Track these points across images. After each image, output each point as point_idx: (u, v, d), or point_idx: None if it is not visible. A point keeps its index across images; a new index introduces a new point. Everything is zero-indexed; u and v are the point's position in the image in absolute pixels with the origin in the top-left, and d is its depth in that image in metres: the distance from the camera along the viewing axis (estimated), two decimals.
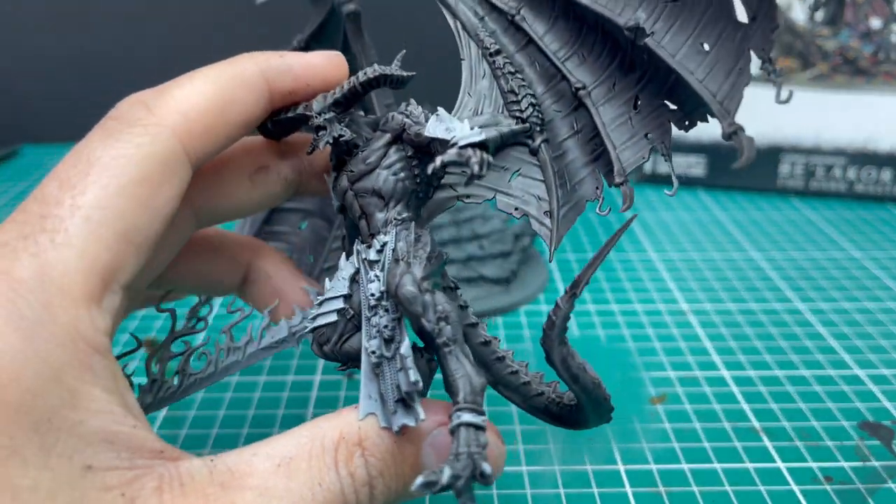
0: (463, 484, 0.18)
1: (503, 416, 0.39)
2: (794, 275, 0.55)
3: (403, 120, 0.24)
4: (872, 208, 0.67)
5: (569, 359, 0.23)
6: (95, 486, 0.19)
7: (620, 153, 0.24)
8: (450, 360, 0.21)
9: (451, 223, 0.54)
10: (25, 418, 0.18)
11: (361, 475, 0.21)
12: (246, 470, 0.20)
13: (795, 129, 0.68)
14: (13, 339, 0.18)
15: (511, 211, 0.25)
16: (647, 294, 0.52)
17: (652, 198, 0.71)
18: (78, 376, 0.19)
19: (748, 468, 0.35)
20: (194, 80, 0.24)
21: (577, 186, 0.25)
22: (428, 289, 0.22)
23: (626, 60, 0.24)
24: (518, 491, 0.34)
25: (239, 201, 0.28)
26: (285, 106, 0.26)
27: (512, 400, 0.25)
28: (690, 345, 0.46)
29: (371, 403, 0.22)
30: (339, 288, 0.24)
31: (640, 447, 0.37)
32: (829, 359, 0.44)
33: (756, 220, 0.65)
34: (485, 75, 0.26)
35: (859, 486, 0.34)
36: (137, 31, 0.82)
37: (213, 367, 0.27)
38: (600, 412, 0.24)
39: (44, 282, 0.19)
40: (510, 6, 0.26)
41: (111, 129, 0.22)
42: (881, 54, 0.65)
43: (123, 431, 0.20)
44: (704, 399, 0.40)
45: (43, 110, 0.85)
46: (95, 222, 0.20)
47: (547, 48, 0.26)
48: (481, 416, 0.20)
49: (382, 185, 0.24)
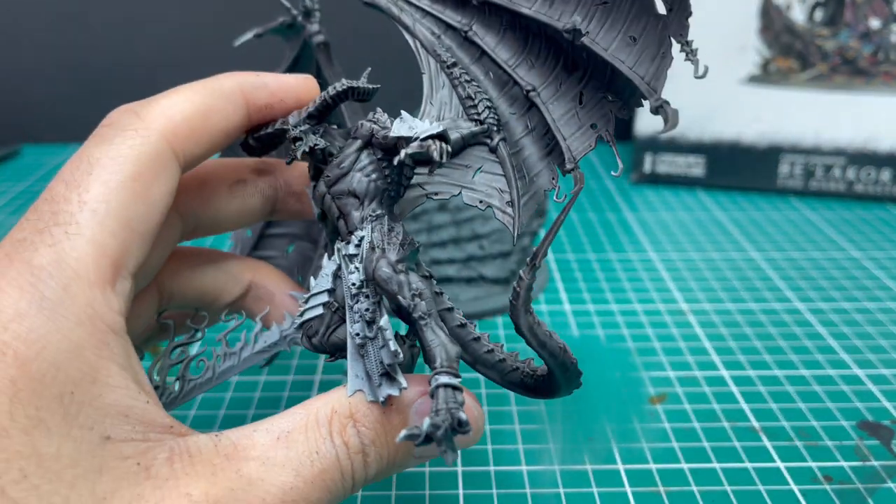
0: (442, 433, 0.20)
1: (504, 416, 0.39)
2: (793, 275, 0.55)
3: (372, 126, 0.26)
4: (872, 208, 0.67)
5: (535, 327, 0.25)
6: (113, 455, 0.20)
7: (570, 143, 0.27)
8: (426, 332, 0.23)
9: (451, 223, 0.54)
10: (50, 390, 0.20)
11: (355, 443, 0.23)
12: (248, 443, 0.22)
13: (795, 129, 0.68)
14: (36, 319, 0.20)
15: (476, 203, 0.28)
16: (647, 294, 0.52)
17: (651, 198, 0.71)
18: (96, 352, 0.21)
19: (748, 468, 0.35)
20: (178, 92, 0.26)
21: (534, 178, 0.28)
22: (402, 270, 0.24)
23: (569, 61, 0.27)
24: (518, 490, 0.34)
25: (218, 210, 0.30)
26: (263, 122, 0.28)
27: (490, 377, 0.26)
28: (690, 345, 0.46)
29: (358, 381, 0.24)
30: (323, 284, 0.26)
31: (640, 447, 0.37)
32: (829, 359, 0.44)
33: (755, 220, 0.65)
34: (444, 85, 0.29)
35: (859, 486, 0.34)
36: (137, 33, 0.82)
37: (212, 373, 0.29)
38: (569, 377, 0.26)
39: (61, 268, 0.21)
40: (462, 23, 0.29)
41: (106, 135, 0.24)
42: (881, 54, 0.65)
43: (138, 406, 0.22)
44: (704, 399, 0.40)
45: (43, 110, 0.85)
46: (102, 214, 0.23)
47: (498, 58, 0.29)
48: (457, 379, 0.22)
49: (357, 185, 0.26)
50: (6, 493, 0.18)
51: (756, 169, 0.70)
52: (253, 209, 0.31)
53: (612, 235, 0.62)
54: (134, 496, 0.20)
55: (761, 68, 0.67)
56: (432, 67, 0.29)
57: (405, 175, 0.27)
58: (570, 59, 0.27)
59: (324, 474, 0.22)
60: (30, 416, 0.19)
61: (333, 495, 0.23)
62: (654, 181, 0.73)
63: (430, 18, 0.30)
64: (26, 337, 0.20)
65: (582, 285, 0.54)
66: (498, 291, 0.51)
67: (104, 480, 0.20)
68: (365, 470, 0.23)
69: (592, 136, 0.27)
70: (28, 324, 0.20)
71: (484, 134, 0.28)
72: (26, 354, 0.20)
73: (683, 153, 0.71)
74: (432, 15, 0.30)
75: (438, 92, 0.29)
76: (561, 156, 0.27)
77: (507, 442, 0.37)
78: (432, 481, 0.35)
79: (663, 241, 0.61)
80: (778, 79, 0.67)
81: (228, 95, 0.27)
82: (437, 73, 0.29)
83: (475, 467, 0.36)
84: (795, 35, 0.66)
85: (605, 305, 0.51)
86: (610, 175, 0.77)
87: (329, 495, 0.22)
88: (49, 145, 0.85)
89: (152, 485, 0.20)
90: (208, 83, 0.27)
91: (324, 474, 0.22)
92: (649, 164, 0.72)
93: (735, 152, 0.70)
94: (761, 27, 0.66)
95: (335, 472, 0.22)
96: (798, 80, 0.67)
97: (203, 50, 0.81)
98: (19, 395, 0.19)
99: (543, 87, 0.28)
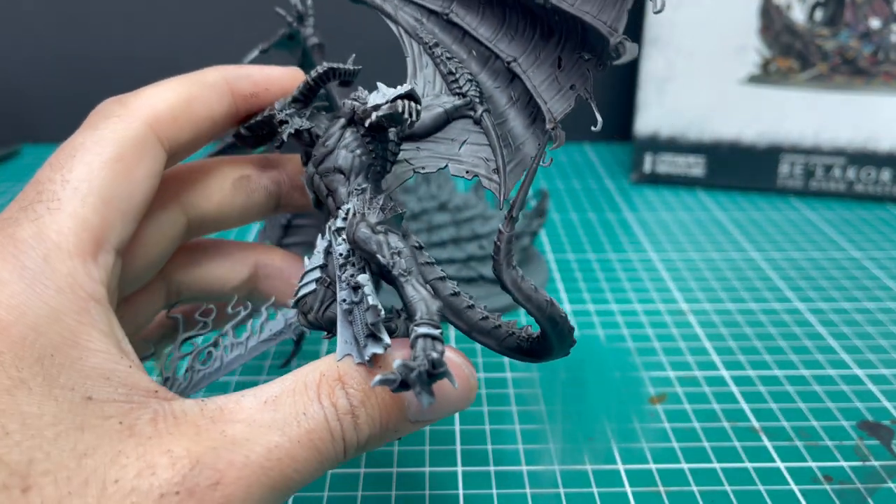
0: (415, 375, 0.20)
1: (504, 416, 0.39)
2: (793, 275, 0.55)
3: (353, 104, 0.27)
4: (872, 208, 0.67)
5: (519, 280, 0.25)
6: (95, 414, 0.21)
7: (551, 106, 0.28)
8: (407, 288, 0.23)
9: (451, 223, 0.54)
10: (30, 352, 0.21)
11: (343, 405, 0.23)
12: (234, 408, 0.22)
13: (795, 129, 0.68)
14: (17, 286, 0.21)
15: (463, 174, 0.29)
16: (647, 294, 0.52)
17: (651, 198, 0.71)
18: (76, 318, 0.22)
19: (748, 468, 0.35)
20: (164, 83, 0.27)
21: (520, 147, 0.29)
22: (381, 231, 0.24)
23: (545, 28, 0.28)
24: (518, 490, 0.34)
25: (222, 206, 0.31)
26: (252, 112, 0.29)
27: (487, 344, 0.26)
28: (690, 345, 0.46)
29: (347, 347, 0.24)
30: (315, 261, 0.26)
31: (640, 447, 0.37)
32: (829, 358, 0.44)
33: (755, 219, 0.65)
34: (427, 65, 0.30)
35: (859, 486, 0.34)
36: (137, 32, 0.82)
37: (219, 362, 0.29)
38: (560, 333, 0.25)
39: (42, 240, 0.22)
40: (443, 6, 0.31)
41: (91, 122, 0.26)
42: (881, 54, 0.65)
43: (120, 370, 0.22)
44: (704, 399, 0.40)
45: (43, 110, 0.85)
46: (83, 192, 0.24)
47: (480, 36, 0.30)
48: (437, 330, 0.22)
49: (342, 162, 0.27)
50: None
51: (756, 169, 0.70)
52: (257, 204, 0.32)
53: (612, 235, 0.62)
54: (115, 452, 0.20)
55: (761, 68, 0.67)
56: (415, 50, 0.30)
57: (390, 150, 0.28)
58: (546, 27, 0.28)
59: (311, 434, 0.22)
60: (11, 377, 0.20)
61: (324, 456, 0.22)
62: (654, 181, 0.73)
63: (411, 6, 0.31)
64: (7, 303, 0.21)
65: (582, 285, 0.54)
66: (498, 291, 0.50)
67: (86, 438, 0.20)
68: (356, 432, 0.23)
69: (572, 96, 0.28)
70: (9, 291, 0.21)
71: (467, 106, 0.29)
72: (7, 319, 0.21)
73: (683, 153, 0.71)
74: (413, 2, 0.31)
75: (422, 71, 0.30)
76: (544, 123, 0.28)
77: (507, 442, 0.37)
78: (432, 481, 0.35)
79: (663, 241, 0.61)
80: (778, 79, 0.67)
81: (212, 85, 0.28)
82: (419, 55, 0.30)
83: (475, 467, 0.36)
84: (795, 35, 0.66)
85: (605, 305, 0.51)
86: (610, 175, 0.77)
87: (319, 455, 0.22)
88: (49, 145, 0.85)
89: (135, 442, 0.20)
90: (193, 75, 0.28)
91: (311, 434, 0.22)
92: (649, 164, 0.72)
93: (735, 152, 0.70)
94: (761, 27, 0.66)
95: (324, 433, 0.22)
96: (798, 80, 0.67)
97: (203, 50, 0.81)
98: (1, 357, 0.20)
99: (523, 56, 0.29)
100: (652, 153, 0.72)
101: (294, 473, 0.22)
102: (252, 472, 0.21)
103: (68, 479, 0.19)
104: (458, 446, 0.37)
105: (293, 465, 0.22)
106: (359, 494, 0.34)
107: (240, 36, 0.76)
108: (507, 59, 0.29)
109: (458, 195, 0.56)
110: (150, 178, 0.26)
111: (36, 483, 0.19)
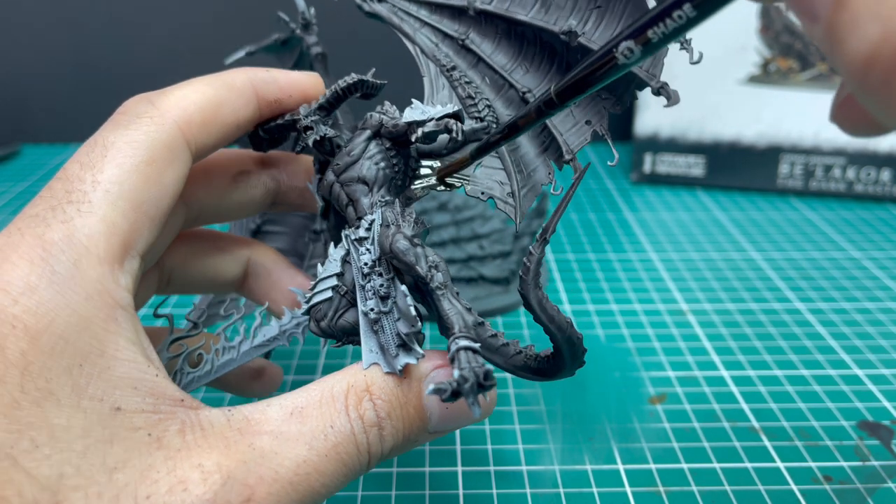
0: (469, 386, 0.20)
1: (504, 415, 0.39)
2: (793, 275, 0.55)
3: (381, 117, 0.27)
4: (872, 208, 0.67)
5: (544, 301, 0.25)
6: (124, 426, 0.20)
7: (567, 139, 0.28)
8: (443, 302, 0.23)
9: (451, 223, 0.54)
10: (59, 362, 0.20)
11: (370, 417, 0.23)
12: (261, 418, 0.22)
13: (795, 129, 0.68)
14: (46, 293, 0.21)
15: (478, 195, 0.29)
16: (647, 294, 0.52)
17: (651, 198, 0.71)
18: (104, 326, 0.21)
19: (747, 468, 0.35)
20: (191, 84, 0.27)
21: (531, 174, 0.29)
22: (418, 243, 0.24)
23: (564, 63, 0.29)
24: (518, 490, 0.34)
25: (221, 199, 0.31)
26: (273, 116, 0.29)
27: (494, 362, 0.27)
28: (690, 345, 0.46)
29: (373, 355, 0.24)
30: (331, 269, 0.26)
31: (640, 447, 0.37)
32: (829, 358, 0.44)
33: (755, 219, 0.65)
34: (444, 87, 0.30)
35: (859, 486, 0.34)
36: (137, 33, 0.82)
37: (210, 366, 0.29)
38: (575, 353, 0.26)
39: (72, 243, 0.22)
40: (459, 32, 0.31)
41: (121, 121, 0.25)
42: None
43: (147, 379, 0.22)
44: (704, 399, 0.40)
45: (43, 110, 0.85)
46: (114, 195, 0.23)
47: (495, 63, 0.30)
48: (476, 343, 0.22)
49: (366, 172, 0.27)
50: (18, 462, 0.18)
51: (756, 169, 0.70)
52: (255, 200, 0.32)
53: (612, 235, 0.62)
54: (145, 466, 0.20)
55: (761, 68, 0.67)
56: (432, 71, 0.31)
57: (410, 167, 0.28)
58: (564, 62, 0.28)
59: (338, 447, 0.22)
60: (40, 388, 0.19)
61: (349, 469, 0.23)
62: (654, 181, 0.73)
63: (428, 28, 0.31)
64: (36, 310, 0.20)
65: (582, 285, 0.54)
66: (498, 291, 0.51)
67: (115, 450, 0.20)
68: (381, 444, 0.23)
69: (587, 131, 0.28)
70: (38, 297, 0.21)
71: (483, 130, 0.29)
72: (36, 328, 0.20)
73: (683, 153, 0.71)
74: (431, 25, 0.31)
75: (439, 93, 0.30)
76: (556, 151, 0.28)
77: (507, 442, 0.37)
78: (432, 481, 0.35)
79: (663, 241, 0.61)
80: (778, 79, 0.67)
81: (240, 89, 0.27)
82: (437, 76, 0.30)
83: (475, 467, 0.36)
84: (795, 35, 0.66)
85: (605, 305, 0.51)
86: (610, 175, 0.77)
87: (344, 468, 0.22)
88: (49, 145, 0.85)
89: (164, 455, 0.20)
90: (221, 77, 0.27)
91: (338, 447, 0.22)
92: (649, 164, 0.72)
93: (735, 152, 0.70)
94: (761, 27, 0.66)
95: (350, 446, 0.22)
96: (798, 80, 0.67)
97: (203, 50, 0.81)
98: (30, 367, 0.20)
99: (539, 88, 0.29)
100: (652, 153, 0.72)
101: (321, 487, 0.22)
102: (281, 488, 0.21)
103: (99, 494, 0.19)
104: (458, 446, 0.37)
105: (321, 479, 0.22)
106: (359, 494, 0.34)
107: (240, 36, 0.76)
108: (521, 90, 0.29)
109: (458, 195, 0.56)
110: (178, 182, 0.25)
111: (66, 498, 0.19)
